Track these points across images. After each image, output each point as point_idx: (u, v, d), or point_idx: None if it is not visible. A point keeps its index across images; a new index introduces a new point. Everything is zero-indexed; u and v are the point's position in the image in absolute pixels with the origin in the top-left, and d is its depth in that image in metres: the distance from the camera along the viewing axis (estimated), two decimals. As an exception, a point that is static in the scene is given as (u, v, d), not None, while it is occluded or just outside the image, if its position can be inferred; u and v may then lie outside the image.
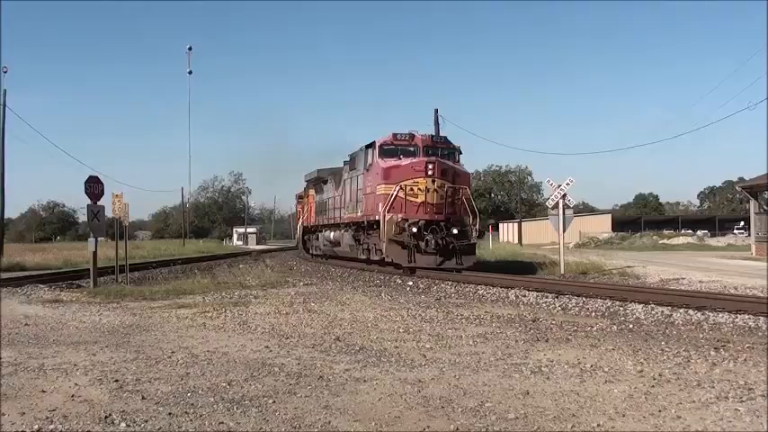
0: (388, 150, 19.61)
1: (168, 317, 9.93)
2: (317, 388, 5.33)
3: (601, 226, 68.53)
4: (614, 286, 14.13)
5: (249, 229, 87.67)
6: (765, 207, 31.14)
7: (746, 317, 9.33)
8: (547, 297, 12.30)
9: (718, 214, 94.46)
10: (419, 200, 18.64)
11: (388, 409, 4.74)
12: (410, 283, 16.32)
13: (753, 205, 32.20)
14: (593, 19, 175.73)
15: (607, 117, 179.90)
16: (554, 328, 8.59)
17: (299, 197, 39.98)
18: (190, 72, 62.45)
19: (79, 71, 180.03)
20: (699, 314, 9.67)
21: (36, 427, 4.36)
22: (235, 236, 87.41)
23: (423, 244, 18.32)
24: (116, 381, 5.61)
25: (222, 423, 4.41)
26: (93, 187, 16.37)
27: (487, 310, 10.43)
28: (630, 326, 8.80)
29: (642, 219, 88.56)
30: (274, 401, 4.93)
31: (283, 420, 4.47)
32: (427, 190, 18.61)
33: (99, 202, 16.51)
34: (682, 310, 10.00)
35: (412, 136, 19.59)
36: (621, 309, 10.52)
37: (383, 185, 18.94)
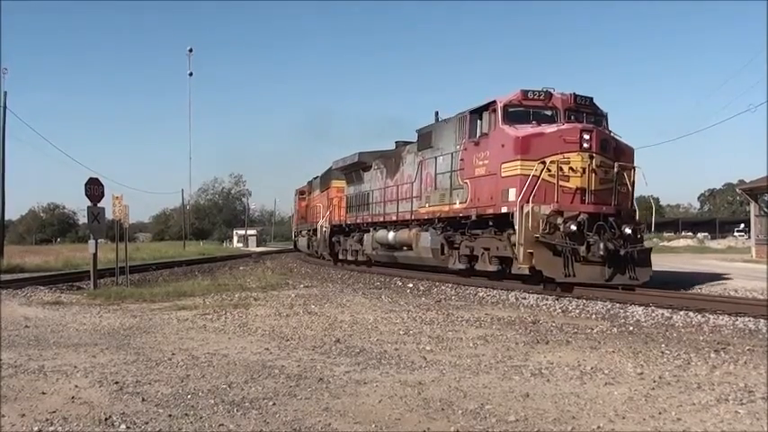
0: (515, 114, 14.01)
1: (168, 319, 9.94)
2: (318, 390, 5.33)
3: (601, 228, 68.17)
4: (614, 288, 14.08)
5: (249, 231, 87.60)
6: (765, 209, 31.14)
7: (747, 319, 9.33)
8: (547, 299, 12.29)
9: (719, 216, 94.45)
10: (572, 184, 13.16)
11: (388, 411, 4.74)
12: (410, 285, 16.31)
13: (753, 208, 32.21)
14: (592, 19, 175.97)
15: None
16: (554, 330, 8.59)
17: (302, 192, 37.16)
18: (190, 74, 62.90)
19: (79, 72, 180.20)
20: (699, 316, 9.68)
21: (36, 428, 4.36)
22: (235, 238, 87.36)
23: (583, 249, 12.80)
24: (116, 383, 5.61)
25: (222, 425, 4.42)
26: (94, 189, 16.38)
27: (488, 313, 10.43)
28: (631, 328, 8.80)
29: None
30: (274, 403, 4.93)
31: (283, 422, 4.48)
32: (584, 170, 13.18)
33: (99, 204, 16.52)
34: (682, 313, 10.00)
35: (549, 94, 14.04)
36: (621, 311, 10.52)
37: (517, 162, 13.28)
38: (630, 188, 13.93)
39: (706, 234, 69.77)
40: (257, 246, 77.35)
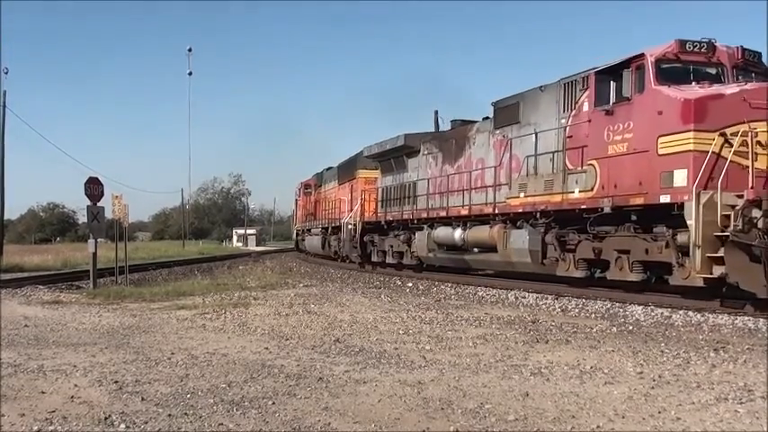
0: (670, 71, 10.85)
1: (168, 318, 9.94)
2: (317, 389, 5.34)
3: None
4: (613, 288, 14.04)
5: (249, 231, 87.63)
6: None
7: (746, 318, 9.33)
8: (546, 299, 12.30)
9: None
10: (761, 164, 9.82)
11: (387, 410, 4.74)
12: (410, 284, 16.31)
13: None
14: (590, 18, 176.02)
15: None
16: (554, 329, 8.60)
17: (307, 186, 34.92)
18: (190, 73, 62.72)
19: (79, 72, 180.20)
20: (698, 315, 9.67)
21: (36, 428, 4.36)
22: (234, 237, 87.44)
23: None
24: (116, 382, 5.61)
25: (222, 424, 4.42)
26: (93, 188, 16.41)
27: (487, 312, 10.44)
28: (630, 327, 8.80)
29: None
30: (274, 403, 4.93)
31: (283, 422, 4.48)
32: None
33: (99, 204, 16.55)
34: (681, 312, 10.00)
35: (712, 46, 10.95)
36: (621, 310, 10.52)
37: (689, 134, 10.00)
38: None
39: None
40: (257, 245, 77.40)
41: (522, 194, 13.74)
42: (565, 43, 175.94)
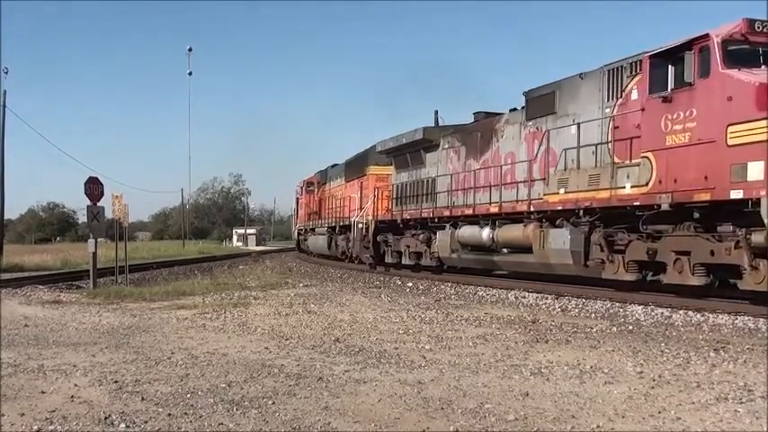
0: (738, 53, 9.84)
1: (168, 318, 9.94)
2: (317, 389, 5.34)
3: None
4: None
5: (249, 231, 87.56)
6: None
7: (746, 318, 9.32)
8: (547, 298, 12.29)
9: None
10: None
11: (387, 410, 4.74)
12: (410, 284, 16.31)
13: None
14: (592, 17, 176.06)
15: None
16: (554, 329, 8.60)
17: (309, 184, 33.56)
18: (190, 73, 62.67)
19: (79, 72, 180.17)
20: (698, 315, 9.67)
21: (35, 427, 4.37)
22: (234, 237, 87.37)
23: None
24: (116, 382, 5.61)
25: (222, 424, 4.42)
26: (93, 188, 16.41)
27: (487, 312, 10.44)
28: (630, 327, 8.80)
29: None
30: (274, 402, 4.93)
31: (283, 421, 4.48)
32: None
33: (99, 203, 16.56)
34: (681, 312, 9.99)
35: None
36: (621, 310, 10.52)
37: (763, 123, 8.96)
38: None
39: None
40: (257, 245, 77.36)
41: (561, 190, 12.59)
42: (561, 43, 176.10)
